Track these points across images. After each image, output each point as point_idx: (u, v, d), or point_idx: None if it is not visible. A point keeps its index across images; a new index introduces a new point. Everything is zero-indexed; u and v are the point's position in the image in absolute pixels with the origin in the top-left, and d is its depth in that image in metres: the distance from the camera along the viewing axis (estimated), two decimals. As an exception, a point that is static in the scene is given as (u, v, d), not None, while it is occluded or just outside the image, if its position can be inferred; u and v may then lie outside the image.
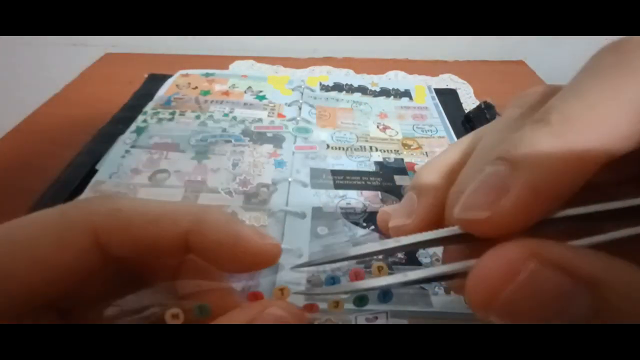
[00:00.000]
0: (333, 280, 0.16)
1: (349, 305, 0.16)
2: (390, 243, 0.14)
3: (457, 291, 0.17)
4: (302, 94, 0.50)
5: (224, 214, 0.16)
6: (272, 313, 0.14)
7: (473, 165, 0.16)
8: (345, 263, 0.15)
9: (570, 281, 0.10)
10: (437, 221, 0.16)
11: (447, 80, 0.59)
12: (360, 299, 0.16)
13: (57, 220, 0.15)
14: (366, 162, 0.40)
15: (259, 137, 0.42)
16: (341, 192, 0.36)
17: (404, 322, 0.26)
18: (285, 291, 0.16)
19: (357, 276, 0.16)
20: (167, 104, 0.46)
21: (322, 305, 0.16)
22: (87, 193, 0.34)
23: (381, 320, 0.17)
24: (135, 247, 0.15)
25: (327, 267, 0.16)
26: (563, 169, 0.12)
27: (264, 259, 0.15)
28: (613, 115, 0.12)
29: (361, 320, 0.17)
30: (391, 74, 0.60)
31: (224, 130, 0.42)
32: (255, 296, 0.16)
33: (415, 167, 0.39)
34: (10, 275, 0.13)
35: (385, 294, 0.17)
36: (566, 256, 0.11)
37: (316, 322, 0.16)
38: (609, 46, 0.13)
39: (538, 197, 0.12)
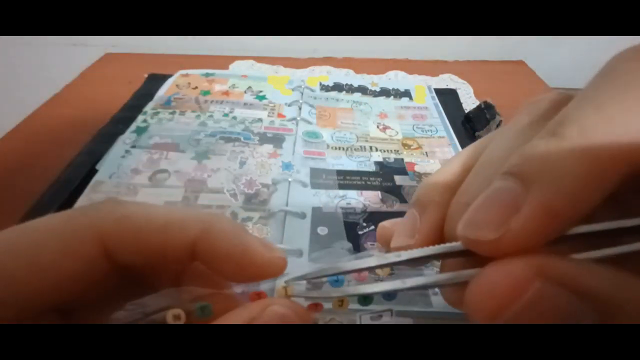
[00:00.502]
0: (337, 278, 0.16)
1: (354, 304, 0.16)
2: (391, 258, 0.14)
3: (453, 303, 0.17)
4: (302, 94, 0.50)
5: (231, 222, 0.16)
6: (275, 311, 0.14)
7: (478, 174, 0.15)
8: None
9: (577, 299, 0.10)
10: (442, 239, 0.16)
11: (447, 80, 0.59)
12: (365, 297, 0.16)
13: (64, 226, 0.14)
14: (366, 162, 0.40)
15: (260, 137, 0.42)
16: (341, 192, 0.36)
17: (404, 322, 0.26)
18: (290, 289, 0.15)
19: (360, 275, 0.16)
20: (167, 104, 0.46)
21: (327, 305, 0.16)
22: (87, 193, 0.34)
23: (386, 318, 0.17)
24: (142, 254, 0.15)
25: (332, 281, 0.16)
26: (580, 187, 0.11)
27: (270, 271, 0.15)
28: (635, 129, 0.11)
29: (365, 319, 0.17)
30: (391, 74, 0.60)
31: (224, 130, 0.42)
32: (259, 296, 0.16)
33: (415, 167, 0.39)
34: (16, 282, 0.13)
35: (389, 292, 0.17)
36: (573, 274, 0.10)
37: (320, 322, 0.16)
38: (628, 52, 0.12)
39: (551, 219, 0.11)
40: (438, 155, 0.41)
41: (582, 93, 0.12)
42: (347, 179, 0.37)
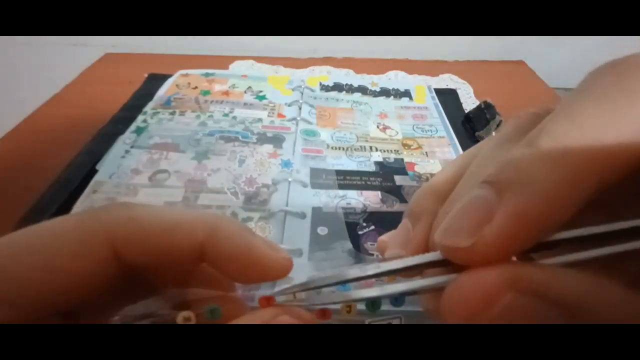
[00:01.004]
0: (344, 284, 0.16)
1: (362, 310, 0.16)
2: (371, 269, 0.14)
3: (431, 313, 0.17)
4: (302, 94, 0.50)
5: (238, 224, 0.16)
6: (284, 321, 0.14)
7: (462, 186, 0.15)
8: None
9: (549, 307, 0.10)
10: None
11: (447, 80, 0.59)
12: (373, 304, 0.16)
13: (74, 229, 0.14)
14: (366, 162, 0.40)
15: (260, 137, 0.42)
16: (341, 192, 0.36)
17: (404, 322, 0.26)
18: (297, 293, 0.15)
19: (366, 282, 0.16)
20: (167, 104, 0.46)
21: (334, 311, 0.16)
22: (87, 193, 0.34)
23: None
24: (151, 256, 0.15)
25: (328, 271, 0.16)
26: (552, 195, 0.11)
27: (276, 272, 0.16)
28: (607, 141, 0.11)
29: None
30: (391, 74, 0.60)
31: (225, 130, 0.42)
32: (268, 300, 0.16)
33: (415, 167, 0.39)
34: (30, 283, 0.13)
35: (397, 297, 0.17)
36: (545, 282, 0.10)
37: None
38: (604, 66, 0.13)
39: (524, 226, 0.11)
40: (438, 155, 0.41)
41: (559, 106, 0.13)
42: (347, 179, 0.37)
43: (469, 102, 0.53)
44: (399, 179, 0.38)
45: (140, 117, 0.43)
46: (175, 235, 0.15)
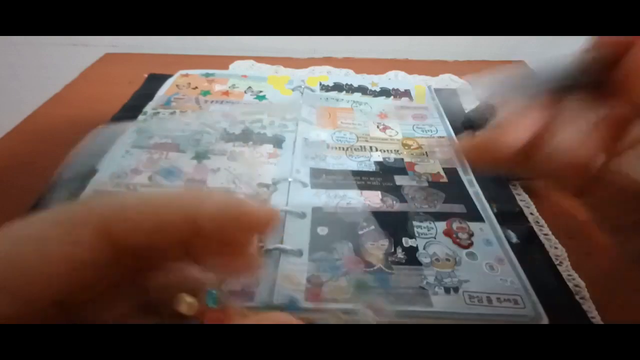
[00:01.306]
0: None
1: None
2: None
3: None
4: (302, 94, 0.50)
5: (222, 193, 0.17)
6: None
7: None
8: (345, 250, 0.15)
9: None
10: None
11: (447, 80, 0.59)
12: (359, 286, 0.16)
13: (66, 216, 0.15)
14: (366, 162, 0.40)
15: (260, 137, 0.42)
16: (341, 192, 0.36)
17: (405, 322, 0.26)
18: (293, 277, 0.16)
19: (353, 264, 0.16)
20: (167, 104, 0.46)
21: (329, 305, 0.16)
22: (87, 193, 0.34)
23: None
24: (145, 236, 0.15)
25: (327, 268, 0.16)
26: None
27: (266, 221, 0.17)
28: None
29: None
30: (391, 74, 0.60)
31: (224, 130, 0.42)
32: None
33: (415, 167, 0.39)
34: (26, 273, 0.14)
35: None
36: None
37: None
38: None
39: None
40: (438, 155, 0.41)
41: None
42: (347, 179, 0.37)
43: (469, 102, 0.53)
44: (399, 179, 0.38)
45: (140, 117, 0.43)
46: (167, 210, 0.15)
